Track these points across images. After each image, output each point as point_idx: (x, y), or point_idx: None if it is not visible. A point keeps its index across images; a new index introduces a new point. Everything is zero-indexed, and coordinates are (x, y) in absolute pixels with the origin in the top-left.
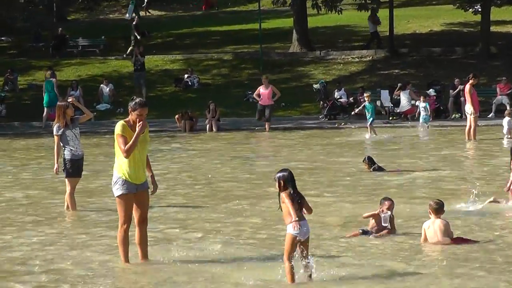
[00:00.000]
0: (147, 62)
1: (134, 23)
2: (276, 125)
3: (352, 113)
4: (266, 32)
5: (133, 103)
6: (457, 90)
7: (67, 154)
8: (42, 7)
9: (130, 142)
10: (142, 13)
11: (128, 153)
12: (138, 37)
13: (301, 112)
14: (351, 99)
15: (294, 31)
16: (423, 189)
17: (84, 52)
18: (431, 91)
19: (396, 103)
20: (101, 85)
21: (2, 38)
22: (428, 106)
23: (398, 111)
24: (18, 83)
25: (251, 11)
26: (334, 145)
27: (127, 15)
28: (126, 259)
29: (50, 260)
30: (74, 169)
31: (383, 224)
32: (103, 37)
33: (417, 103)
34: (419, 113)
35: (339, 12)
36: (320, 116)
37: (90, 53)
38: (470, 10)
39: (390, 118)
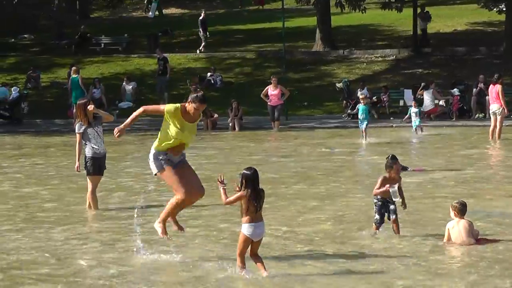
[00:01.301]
0: (170, 61)
1: (201, 18)
2: (299, 124)
3: (344, 115)
4: (289, 31)
5: (195, 95)
6: (477, 88)
7: (89, 152)
8: (65, 5)
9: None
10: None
11: (139, 110)
12: (207, 34)
13: (324, 111)
14: (374, 98)
15: (317, 30)
16: (445, 188)
17: (107, 50)
18: (455, 91)
19: (419, 102)
20: (123, 83)
21: (25, 36)
22: (419, 112)
23: (421, 110)
24: (41, 80)
25: (274, 9)
26: (357, 144)
27: (150, 13)
28: (175, 222)
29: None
30: (95, 167)
31: (393, 199)
32: (125, 35)
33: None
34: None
35: (363, 11)
36: (343, 115)
37: (112, 51)
38: (494, 9)
39: None
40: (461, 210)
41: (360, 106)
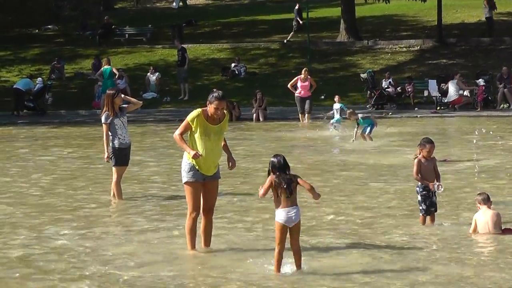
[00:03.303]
0: (193, 51)
1: (296, 7)
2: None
3: (368, 106)
4: (313, 21)
5: (211, 96)
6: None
7: (115, 143)
8: None
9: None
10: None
11: (175, 138)
12: (300, 22)
13: (348, 101)
14: (398, 88)
15: (341, 20)
16: (469, 179)
17: (131, 41)
18: (480, 81)
19: (444, 93)
20: (148, 73)
21: (49, 27)
22: (344, 108)
23: (445, 101)
24: (65, 71)
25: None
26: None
27: (174, 3)
28: (193, 246)
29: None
30: (121, 157)
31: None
32: (150, 25)
33: (465, 92)
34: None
35: (387, 1)
36: (367, 106)
37: (137, 42)
38: None
39: (438, 108)
40: (484, 200)
41: (335, 104)
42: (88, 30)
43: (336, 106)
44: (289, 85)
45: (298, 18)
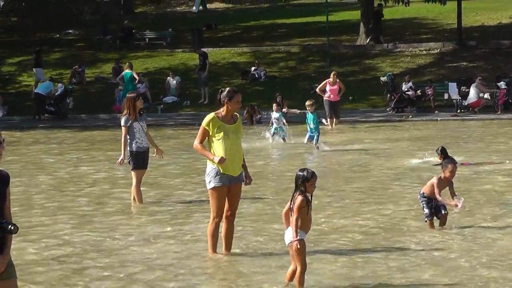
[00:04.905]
0: (213, 55)
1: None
2: (343, 118)
3: (388, 109)
4: (333, 25)
5: (225, 93)
6: None
7: (133, 146)
8: (110, 0)
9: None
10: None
11: (195, 147)
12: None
13: (369, 104)
14: (418, 92)
15: (361, 23)
16: (490, 182)
17: (151, 45)
18: (502, 84)
19: (464, 96)
20: (168, 77)
21: (70, 31)
22: (282, 118)
23: (465, 103)
24: (86, 75)
25: (318, 3)
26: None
27: (194, 7)
28: (214, 250)
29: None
30: (139, 161)
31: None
32: (170, 29)
33: (485, 95)
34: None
35: (407, 4)
36: (388, 109)
37: (157, 46)
38: None
39: (458, 111)
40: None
41: (309, 114)
42: (109, 35)
43: (275, 115)
44: (317, 89)
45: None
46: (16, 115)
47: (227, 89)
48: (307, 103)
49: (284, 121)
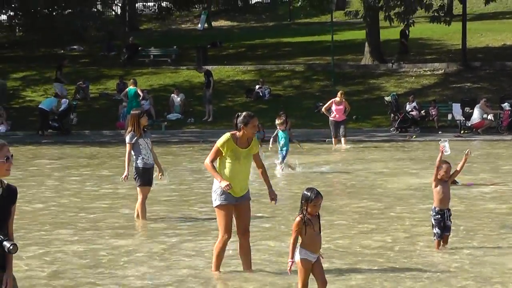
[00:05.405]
0: (218, 73)
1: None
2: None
3: (391, 129)
4: (338, 44)
5: (242, 118)
6: None
7: (139, 163)
8: (115, 17)
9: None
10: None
11: (206, 166)
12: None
13: (372, 124)
14: (422, 112)
15: (366, 43)
16: (492, 203)
17: (156, 62)
18: (506, 105)
19: (468, 116)
20: (172, 94)
21: (75, 47)
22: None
23: (469, 124)
24: (90, 91)
25: (323, 23)
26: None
27: (199, 25)
28: (217, 268)
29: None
30: (145, 177)
31: (445, 153)
32: (175, 47)
33: (489, 116)
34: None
35: (412, 25)
36: (391, 129)
37: (162, 63)
38: None
39: (462, 131)
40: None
41: (280, 132)
42: (113, 51)
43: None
44: (323, 109)
45: (403, 40)
46: (20, 130)
47: (244, 114)
48: (277, 121)
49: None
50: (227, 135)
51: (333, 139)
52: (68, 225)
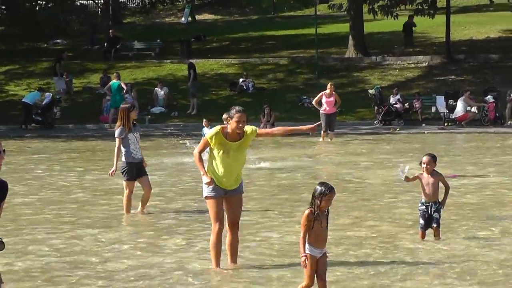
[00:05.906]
0: (202, 66)
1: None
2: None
3: (375, 122)
4: (322, 37)
5: (230, 111)
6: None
7: (127, 157)
8: (98, 10)
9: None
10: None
11: (194, 155)
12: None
13: (356, 117)
14: (406, 104)
15: (350, 36)
16: (470, 195)
17: (140, 55)
18: (489, 98)
19: (452, 109)
20: (156, 88)
21: (58, 41)
22: None
23: (452, 117)
24: (73, 85)
25: (307, 16)
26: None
27: (183, 19)
28: (217, 264)
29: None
30: (132, 172)
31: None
32: (158, 40)
33: (472, 109)
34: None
35: (395, 18)
36: (375, 122)
37: (145, 56)
38: None
39: (445, 124)
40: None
41: (204, 129)
42: (97, 45)
43: (206, 131)
44: (313, 102)
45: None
46: (3, 124)
47: (235, 107)
48: (204, 121)
49: None
50: (217, 128)
51: (322, 132)
52: (51, 218)
